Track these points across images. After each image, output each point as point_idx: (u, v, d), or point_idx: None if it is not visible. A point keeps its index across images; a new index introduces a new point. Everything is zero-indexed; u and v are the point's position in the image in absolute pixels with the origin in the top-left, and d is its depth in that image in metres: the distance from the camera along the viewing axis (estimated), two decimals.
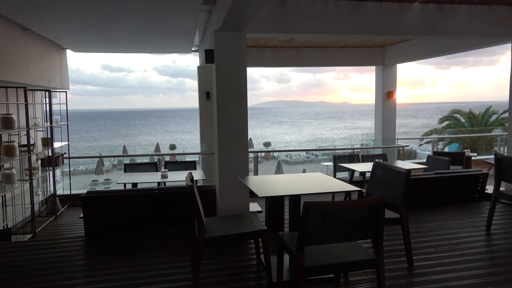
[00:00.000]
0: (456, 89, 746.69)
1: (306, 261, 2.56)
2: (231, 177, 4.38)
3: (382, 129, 8.81)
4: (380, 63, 8.54)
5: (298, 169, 24.99)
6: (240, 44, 4.33)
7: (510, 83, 5.62)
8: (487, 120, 18.54)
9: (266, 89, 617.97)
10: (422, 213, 5.10)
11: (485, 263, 3.52)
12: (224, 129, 4.42)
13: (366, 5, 4.74)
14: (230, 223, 3.42)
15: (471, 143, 15.77)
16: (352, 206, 2.54)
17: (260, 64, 8.20)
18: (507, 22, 5.18)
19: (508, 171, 4.21)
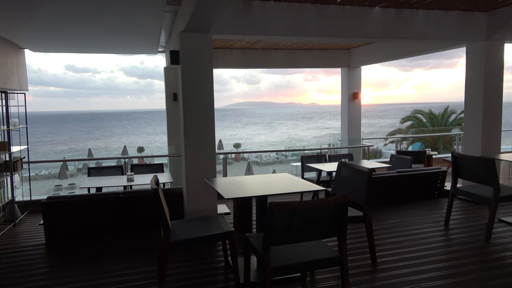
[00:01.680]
0: (418, 90, 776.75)
1: (272, 261, 2.58)
2: (199, 179, 4.35)
3: (348, 130, 9.02)
4: (345, 65, 8.76)
5: (268, 170, 25.13)
6: (206, 46, 4.31)
7: (465, 85, 5.92)
8: (447, 120, 19.43)
9: (236, 90, 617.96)
10: (385, 210, 5.27)
11: (444, 256, 3.68)
12: (190, 131, 4.38)
13: (329, 9, 4.84)
14: (197, 226, 3.39)
15: (432, 142, 16.47)
16: (316, 206, 2.58)
17: (228, 65, 8.19)
18: (461, 26, 5.45)
19: (464, 168, 4.43)
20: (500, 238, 4.09)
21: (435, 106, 21.84)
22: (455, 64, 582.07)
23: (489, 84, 5.58)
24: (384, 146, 18.51)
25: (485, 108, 5.60)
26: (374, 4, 4.93)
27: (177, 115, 4.88)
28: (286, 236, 2.60)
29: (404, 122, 21.33)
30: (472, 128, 5.81)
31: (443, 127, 18.70)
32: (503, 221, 4.61)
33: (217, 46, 7.53)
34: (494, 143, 5.68)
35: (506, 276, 3.21)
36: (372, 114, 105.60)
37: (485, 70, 5.54)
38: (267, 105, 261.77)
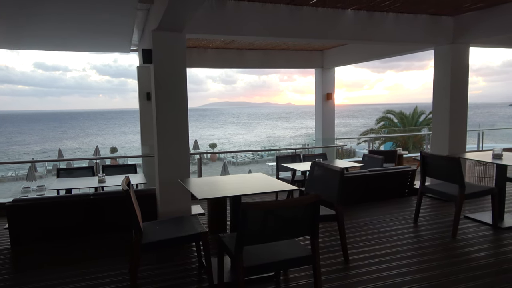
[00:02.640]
0: (390, 91, 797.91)
1: (246, 261, 2.59)
2: (172, 179, 4.31)
3: (322, 130, 9.15)
4: (319, 66, 8.87)
5: (244, 170, 25.14)
6: (179, 45, 4.27)
7: (433, 86, 6.12)
8: (417, 120, 20.05)
9: (212, 90, 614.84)
10: (357, 209, 5.38)
11: (413, 252, 3.79)
12: (163, 130, 4.33)
13: (303, 10, 4.90)
14: (169, 227, 3.35)
15: (403, 141, 16.95)
16: (288, 205, 2.60)
17: (202, 65, 8.13)
18: (429, 30, 5.63)
19: (432, 167, 4.59)
20: (465, 234, 4.26)
21: (406, 106, 22.52)
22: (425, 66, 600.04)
23: (455, 86, 5.80)
24: (357, 145, 18.90)
25: (451, 109, 5.81)
26: (347, 7, 5.02)
27: (150, 115, 4.81)
28: (259, 236, 2.61)
29: (378, 123, 21.85)
30: (439, 128, 6.02)
31: (413, 127, 19.29)
32: (468, 218, 4.80)
33: (191, 45, 7.47)
34: (460, 142, 5.90)
35: (471, 271, 3.34)
36: (347, 114, 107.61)
37: (452, 72, 5.75)
38: (243, 105, 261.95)
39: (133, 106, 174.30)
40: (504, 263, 3.49)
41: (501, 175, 4.59)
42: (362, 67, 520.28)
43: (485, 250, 3.81)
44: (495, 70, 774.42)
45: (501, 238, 4.11)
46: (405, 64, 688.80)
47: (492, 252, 3.74)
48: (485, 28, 5.31)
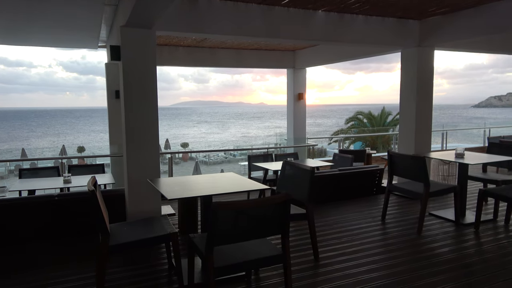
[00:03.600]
0: (360, 92, 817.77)
1: (216, 261, 2.57)
2: (141, 179, 4.21)
3: (294, 129, 9.24)
4: (291, 66, 8.95)
5: (217, 169, 25.01)
6: (149, 42, 4.18)
7: (400, 88, 6.31)
8: (384, 121, 20.65)
9: (184, 89, 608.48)
10: (328, 207, 5.46)
11: (381, 249, 3.89)
12: (132, 129, 4.23)
13: (275, 10, 4.92)
14: (138, 228, 3.27)
15: (372, 141, 17.40)
16: (258, 205, 2.60)
17: (173, 63, 8.01)
18: (397, 33, 5.80)
19: (398, 166, 4.73)
20: (430, 231, 4.41)
21: (375, 107, 23.14)
22: (393, 68, 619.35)
23: (421, 87, 6.00)
24: (328, 145, 19.21)
25: (417, 110, 6.02)
26: (317, 8, 5.09)
27: (119, 113, 4.68)
28: (229, 236, 2.60)
29: (348, 123, 22.32)
30: (406, 128, 6.21)
31: (381, 127, 19.84)
32: (433, 215, 4.98)
33: (162, 43, 7.34)
34: (425, 142, 6.12)
35: (434, 266, 3.47)
36: (319, 114, 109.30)
37: (418, 74, 5.95)
38: (215, 105, 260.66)
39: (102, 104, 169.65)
40: (465, 257, 3.65)
41: (463, 174, 4.79)
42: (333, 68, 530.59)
43: (448, 245, 3.96)
44: (459, 73, 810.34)
45: (463, 234, 4.29)
46: (374, 66, 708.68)
47: (454, 248, 3.90)
48: (449, 32, 5.53)
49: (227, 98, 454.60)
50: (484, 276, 3.26)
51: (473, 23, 5.20)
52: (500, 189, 4.39)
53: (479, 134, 14.18)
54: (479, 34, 5.19)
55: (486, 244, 4.00)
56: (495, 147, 5.51)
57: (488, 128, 12.61)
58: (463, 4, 5.02)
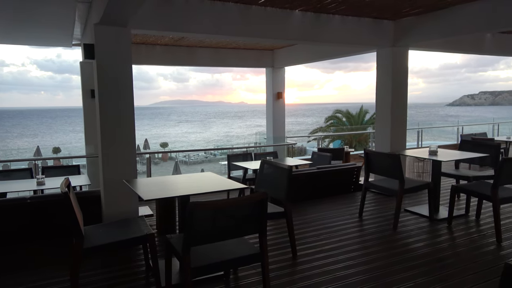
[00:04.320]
0: (340, 91, 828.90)
1: (193, 261, 2.56)
2: (117, 180, 4.14)
3: (273, 128, 9.28)
4: (270, 65, 8.98)
5: (197, 169, 24.84)
6: (124, 40, 4.11)
7: (376, 87, 6.43)
8: (362, 119, 21.00)
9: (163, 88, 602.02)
10: (306, 205, 5.51)
11: (358, 246, 3.96)
12: (108, 129, 4.15)
13: (252, 9, 4.92)
14: (114, 230, 3.22)
15: (350, 140, 17.66)
16: (235, 204, 2.60)
17: (151, 62, 7.90)
18: (372, 33, 5.91)
19: (375, 164, 4.82)
20: (405, 226, 4.52)
21: (354, 106, 23.49)
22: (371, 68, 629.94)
23: (396, 86, 6.13)
24: (308, 143, 19.38)
25: (393, 109, 6.14)
26: (294, 7, 5.12)
27: (95, 113, 4.59)
28: (206, 236, 2.59)
29: (327, 121, 22.58)
30: (382, 126, 6.33)
31: (359, 126, 20.18)
32: (408, 211, 5.10)
33: (139, 41, 7.23)
34: (400, 140, 6.26)
35: (409, 260, 3.56)
36: (300, 113, 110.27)
37: (393, 74, 6.07)
38: (195, 104, 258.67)
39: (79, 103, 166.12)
40: (439, 252, 3.76)
41: (436, 170, 4.93)
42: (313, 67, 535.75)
43: (422, 241, 4.07)
44: (434, 72, 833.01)
45: (436, 229, 4.41)
46: (352, 65, 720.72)
47: (428, 243, 4.01)
48: (422, 32, 5.66)
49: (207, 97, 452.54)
50: (456, 269, 3.36)
51: (444, 24, 5.34)
52: (471, 185, 4.54)
53: (453, 132, 14.60)
54: (450, 35, 5.35)
55: (458, 238, 4.13)
56: (467, 144, 5.68)
57: (461, 126, 13.00)
58: (435, 5, 5.16)
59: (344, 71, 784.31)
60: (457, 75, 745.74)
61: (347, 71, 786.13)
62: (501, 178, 3.92)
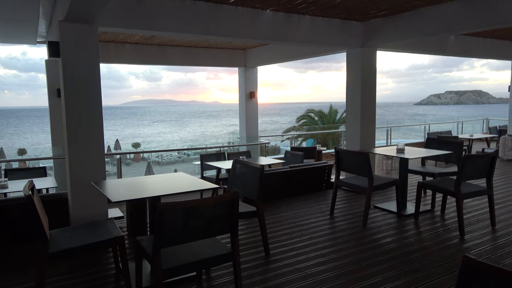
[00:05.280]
0: (313, 90, 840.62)
1: (164, 263, 2.53)
2: (85, 182, 4.03)
3: (246, 128, 9.29)
4: (242, 64, 8.98)
5: (170, 170, 24.51)
6: (91, 38, 4.00)
7: (346, 87, 6.56)
8: (334, 118, 21.38)
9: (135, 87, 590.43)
10: (279, 204, 5.56)
11: (329, 243, 4.03)
12: (74, 130, 4.03)
13: (223, 8, 4.91)
14: (82, 233, 3.13)
15: (323, 138, 17.94)
16: (205, 204, 2.59)
17: (121, 60, 7.72)
18: (342, 34, 6.02)
19: (345, 162, 4.91)
20: (374, 223, 4.64)
21: (327, 105, 23.86)
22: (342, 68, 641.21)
23: (365, 86, 6.28)
24: (281, 143, 19.54)
25: (362, 108, 6.29)
26: (265, 7, 5.14)
27: (61, 112, 4.44)
28: (177, 237, 2.57)
29: (300, 120, 22.85)
30: (352, 125, 6.47)
31: (332, 125, 20.53)
32: (377, 207, 5.23)
33: (107, 39, 7.06)
34: (370, 138, 6.41)
35: (378, 256, 3.66)
36: (274, 112, 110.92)
37: (362, 73, 6.22)
38: (168, 103, 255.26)
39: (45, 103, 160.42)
40: (406, 246, 3.88)
41: (403, 168, 5.08)
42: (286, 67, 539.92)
43: (390, 236, 4.19)
44: (402, 72, 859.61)
45: (404, 225, 4.56)
46: (325, 65, 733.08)
47: (396, 238, 4.13)
48: (390, 33, 5.83)
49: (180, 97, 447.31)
50: (423, 262, 3.49)
51: (410, 26, 5.52)
52: (436, 181, 4.72)
53: (420, 130, 15.10)
54: (415, 36, 5.53)
55: (424, 233, 4.28)
56: (433, 142, 5.89)
57: (428, 124, 13.46)
58: (401, 8, 5.32)
59: (317, 70, 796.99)
60: (424, 75, 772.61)
61: (319, 71, 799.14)
62: (463, 174, 4.09)
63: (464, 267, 1.47)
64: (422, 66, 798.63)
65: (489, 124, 13.43)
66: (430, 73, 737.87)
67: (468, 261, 1.46)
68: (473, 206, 5.17)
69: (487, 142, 11.03)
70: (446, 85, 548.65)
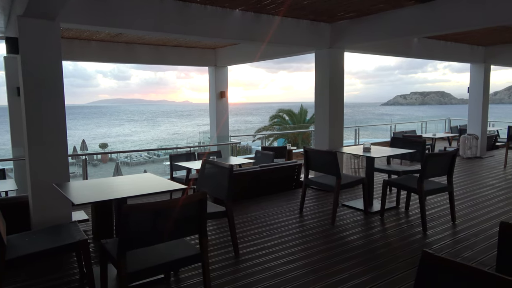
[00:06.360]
0: (285, 91, 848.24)
1: (130, 266, 2.47)
2: (47, 184, 3.87)
3: (217, 127, 9.23)
4: (212, 64, 8.91)
5: (140, 170, 24.02)
6: (52, 34, 3.84)
7: (314, 87, 6.66)
8: (304, 118, 21.67)
9: (102, 86, 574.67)
10: (249, 203, 5.57)
11: (298, 241, 4.07)
12: (35, 130, 3.86)
13: (191, 7, 4.85)
14: (43, 238, 3.00)
15: (294, 138, 18.14)
16: (173, 205, 2.55)
17: (86, 58, 7.46)
18: (310, 35, 6.10)
19: (313, 161, 4.99)
20: (342, 220, 4.74)
21: (298, 105, 24.14)
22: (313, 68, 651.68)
23: (333, 86, 6.39)
24: (253, 142, 19.58)
25: (330, 108, 6.40)
26: (234, 7, 5.13)
27: (21, 112, 4.25)
28: (143, 239, 2.52)
29: (271, 120, 22.99)
30: (320, 125, 6.58)
31: (302, 124, 20.79)
32: (345, 205, 5.35)
33: (71, 36, 6.81)
34: (338, 138, 6.54)
35: (345, 253, 3.74)
36: (246, 112, 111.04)
37: (330, 74, 6.33)
38: (137, 103, 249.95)
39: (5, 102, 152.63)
40: (372, 243, 3.99)
41: (369, 166, 5.22)
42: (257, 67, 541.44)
43: (357, 233, 4.29)
44: (370, 73, 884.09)
45: (370, 222, 4.68)
46: (296, 65, 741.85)
47: (363, 235, 4.24)
48: (356, 35, 5.97)
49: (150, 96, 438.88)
50: (388, 258, 3.60)
51: (375, 28, 5.67)
52: (400, 179, 4.87)
53: (387, 129, 15.57)
54: (381, 38, 5.70)
55: (389, 229, 4.42)
56: (398, 142, 6.08)
57: (394, 124, 13.90)
58: (366, 10, 5.46)
59: (288, 71, 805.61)
60: (391, 76, 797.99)
61: (290, 71, 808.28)
62: (426, 172, 4.25)
63: (423, 262, 1.52)
64: (389, 67, 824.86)
65: (450, 124, 14.04)
66: (396, 74, 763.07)
67: (427, 255, 1.51)
68: (435, 202, 5.38)
69: (448, 141, 11.53)
70: (411, 86, 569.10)
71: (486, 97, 9.41)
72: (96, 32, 6.51)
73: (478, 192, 5.97)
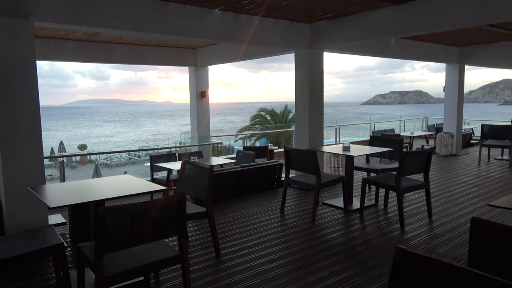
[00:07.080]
0: (267, 90, 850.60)
1: (108, 269, 2.43)
2: (22, 187, 3.77)
3: (198, 128, 9.18)
4: (193, 64, 8.85)
5: (120, 172, 23.65)
6: (26, 33, 3.74)
7: (295, 87, 6.70)
8: (286, 118, 21.78)
9: (81, 86, 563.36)
10: (230, 203, 5.56)
11: (279, 240, 4.10)
12: (8, 132, 3.75)
13: (170, 6, 4.81)
14: (17, 242, 2.92)
15: (275, 137, 18.21)
16: (151, 207, 2.53)
17: (62, 58, 7.29)
18: (290, 35, 6.14)
19: (294, 160, 5.02)
20: (322, 219, 4.79)
21: (280, 105, 24.21)
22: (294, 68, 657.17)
23: (313, 86, 6.45)
24: (235, 142, 19.55)
25: (310, 108, 6.45)
26: (214, 6, 5.11)
27: None
28: (121, 242, 2.48)
29: (253, 120, 23.01)
30: (301, 124, 6.63)
31: (284, 124, 20.89)
32: (325, 204, 5.40)
33: (47, 35, 6.64)
34: (318, 137, 6.60)
35: (326, 250, 3.78)
36: (229, 112, 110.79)
37: (310, 74, 6.38)
38: (117, 103, 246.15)
39: None
40: (352, 240, 4.05)
41: (349, 165, 5.29)
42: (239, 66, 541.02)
43: (337, 231, 4.35)
44: (350, 73, 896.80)
45: (350, 219, 4.75)
46: (277, 65, 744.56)
47: (343, 232, 4.30)
48: (335, 35, 6.04)
49: (131, 96, 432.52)
50: (367, 255, 3.66)
51: (353, 29, 5.76)
52: (379, 177, 4.96)
53: (366, 128, 15.81)
54: (359, 39, 5.79)
55: (368, 226, 4.49)
56: (377, 140, 6.19)
57: (373, 123, 14.13)
58: (345, 11, 5.53)
59: (270, 71, 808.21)
60: (370, 76, 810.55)
61: (272, 71, 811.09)
62: (403, 170, 4.34)
63: (396, 258, 1.55)
64: (368, 67, 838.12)
65: (428, 122, 14.38)
66: (375, 74, 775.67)
67: (400, 251, 1.55)
68: (412, 199, 5.50)
69: (426, 139, 11.81)
70: (390, 86, 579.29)
71: (461, 96, 9.67)
72: (73, 31, 6.37)
73: (453, 189, 6.14)
